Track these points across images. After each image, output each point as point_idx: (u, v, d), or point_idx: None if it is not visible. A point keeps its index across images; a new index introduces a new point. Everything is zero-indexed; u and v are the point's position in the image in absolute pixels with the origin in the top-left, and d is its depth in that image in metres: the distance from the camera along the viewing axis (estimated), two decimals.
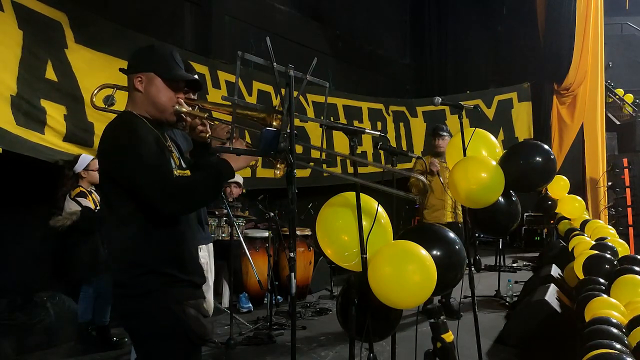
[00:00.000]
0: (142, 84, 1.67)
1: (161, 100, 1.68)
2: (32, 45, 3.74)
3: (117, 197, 1.59)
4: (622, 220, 7.80)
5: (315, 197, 5.52)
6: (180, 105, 1.72)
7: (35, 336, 3.72)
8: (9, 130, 3.47)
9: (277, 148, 1.58)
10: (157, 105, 1.68)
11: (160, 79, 1.68)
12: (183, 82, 1.74)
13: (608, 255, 3.93)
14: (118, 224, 1.60)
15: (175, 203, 1.54)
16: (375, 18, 9.70)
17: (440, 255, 2.19)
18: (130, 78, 1.70)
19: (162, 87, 1.68)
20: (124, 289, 1.59)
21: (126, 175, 1.55)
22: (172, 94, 1.70)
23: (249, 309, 5.01)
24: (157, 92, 1.68)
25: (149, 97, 1.68)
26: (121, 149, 1.56)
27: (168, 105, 1.69)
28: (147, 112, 1.69)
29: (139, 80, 1.67)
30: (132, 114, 1.68)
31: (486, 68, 10.85)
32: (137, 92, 1.68)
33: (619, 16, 12.18)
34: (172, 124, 1.76)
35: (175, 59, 1.73)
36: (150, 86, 1.67)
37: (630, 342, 2.40)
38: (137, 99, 1.69)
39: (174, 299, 1.59)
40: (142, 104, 1.69)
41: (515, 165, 3.01)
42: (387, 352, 2.91)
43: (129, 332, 1.72)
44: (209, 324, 1.73)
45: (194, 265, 1.71)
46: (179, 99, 1.72)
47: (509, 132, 8.64)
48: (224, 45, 6.13)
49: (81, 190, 3.76)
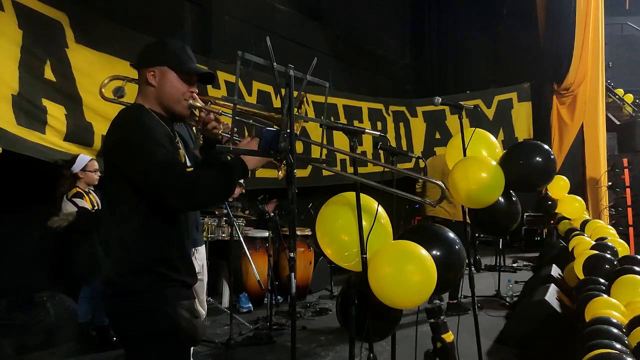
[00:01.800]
0: (155, 78, 1.66)
1: (175, 94, 1.67)
2: (32, 45, 3.75)
3: (118, 193, 1.58)
4: (622, 220, 7.80)
5: (315, 197, 5.53)
6: (194, 99, 1.70)
7: (35, 336, 3.72)
8: (9, 130, 3.47)
9: (277, 148, 1.58)
10: (170, 99, 1.67)
11: (174, 72, 1.66)
12: (196, 76, 1.72)
13: (608, 255, 3.93)
14: (116, 221, 1.58)
15: (185, 199, 1.51)
16: (375, 18, 9.70)
17: (440, 255, 2.19)
18: (142, 72, 1.68)
19: (176, 81, 1.67)
20: (115, 287, 1.57)
21: (136, 169, 1.52)
22: (185, 87, 1.68)
23: (249, 309, 5.01)
24: (170, 86, 1.66)
25: (163, 91, 1.66)
26: (132, 142, 1.53)
27: (181, 99, 1.68)
28: (159, 106, 1.68)
29: (152, 74, 1.65)
30: (141, 106, 1.66)
31: (486, 68, 10.85)
32: (150, 87, 1.66)
33: (619, 16, 12.19)
34: (184, 118, 1.75)
35: (188, 53, 1.72)
36: (164, 80, 1.66)
37: (630, 342, 2.40)
38: (149, 93, 1.67)
39: (166, 299, 1.57)
40: (154, 98, 1.67)
41: (515, 165, 3.01)
42: (387, 352, 2.91)
43: (117, 331, 1.68)
44: (201, 325, 1.71)
45: (188, 265, 1.69)
46: (193, 93, 1.71)
47: (509, 132, 8.64)
48: (224, 45, 6.13)
49: (78, 190, 3.76)
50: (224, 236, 4.74)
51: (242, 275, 5.14)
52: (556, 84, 8.22)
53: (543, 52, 8.40)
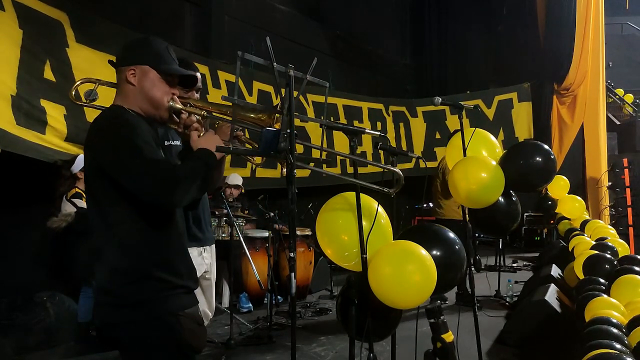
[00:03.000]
0: (135, 77, 1.59)
1: (156, 94, 1.60)
2: (32, 45, 3.74)
3: (107, 197, 1.51)
4: (622, 220, 7.81)
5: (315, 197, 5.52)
6: (174, 101, 1.64)
7: (35, 336, 3.71)
8: (8, 130, 3.46)
9: (277, 148, 1.58)
10: (151, 99, 1.60)
11: (156, 72, 1.60)
12: (177, 77, 1.67)
13: (608, 255, 3.93)
14: (109, 224, 1.51)
15: (167, 194, 1.44)
16: (375, 18, 9.70)
17: (441, 255, 2.19)
18: (121, 70, 1.61)
19: (157, 81, 1.60)
20: (112, 297, 1.50)
21: (122, 167, 1.45)
22: (167, 88, 1.62)
23: (249, 309, 5.01)
24: (151, 85, 1.60)
25: (143, 91, 1.59)
26: (111, 136, 1.47)
27: (162, 100, 1.61)
28: (139, 107, 1.60)
29: (131, 73, 1.59)
30: (122, 107, 1.58)
31: (486, 68, 10.84)
32: (129, 86, 1.59)
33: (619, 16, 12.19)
34: (164, 120, 1.67)
35: (170, 53, 1.66)
36: (145, 79, 1.59)
37: (630, 342, 2.40)
38: (129, 93, 1.60)
39: (168, 310, 1.51)
40: (134, 98, 1.60)
41: (515, 165, 3.01)
42: (387, 352, 2.91)
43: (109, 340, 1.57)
44: (203, 333, 1.67)
45: (188, 269, 1.64)
46: (174, 95, 1.65)
47: (509, 132, 8.64)
48: (224, 45, 6.13)
49: (77, 191, 3.76)
50: (224, 236, 4.75)
51: (242, 275, 5.14)
52: (556, 84, 8.22)
53: (543, 52, 8.40)
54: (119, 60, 1.64)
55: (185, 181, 1.47)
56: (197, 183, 1.53)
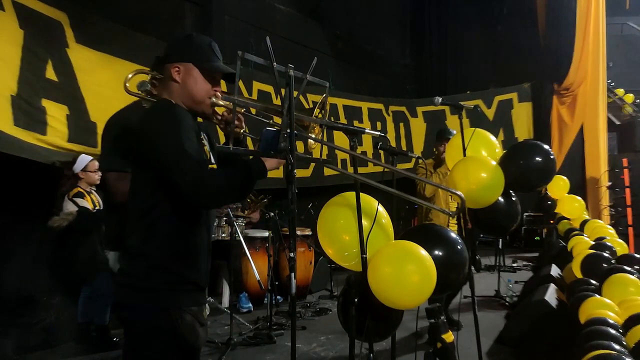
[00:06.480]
0: (179, 74, 1.63)
1: (199, 92, 1.64)
2: (33, 45, 3.73)
3: (143, 186, 1.56)
4: (622, 220, 7.81)
5: (315, 197, 5.53)
6: (217, 98, 1.68)
7: (35, 336, 3.72)
8: (5, 131, 3.42)
9: (277, 148, 1.58)
10: (194, 97, 1.64)
11: (199, 70, 1.64)
12: (220, 74, 1.69)
13: (605, 255, 3.93)
14: (140, 209, 1.56)
15: (206, 195, 1.49)
16: (375, 18, 9.70)
17: (442, 256, 2.19)
18: (167, 67, 1.65)
19: (200, 79, 1.64)
20: (129, 278, 1.56)
21: (164, 160, 1.49)
22: (209, 86, 1.66)
23: (249, 309, 5.01)
24: (194, 83, 1.64)
25: (186, 88, 1.64)
26: (163, 133, 1.51)
27: (205, 98, 1.65)
28: (182, 103, 1.65)
29: (176, 70, 1.63)
30: (170, 101, 1.63)
31: (486, 68, 10.85)
32: (174, 82, 1.64)
33: (619, 16, 12.18)
34: (207, 117, 1.72)
35: (214, 50, 1.69)
36: (188, 77, 1.63)
37: (628, 342, 2.40)
38: (173, 89, 1.65)
39: (176, 302, 1.56)
40: (178, 95, 1.64)
41: (515, 165, 3.01)
42: (387, 352, 2.91)
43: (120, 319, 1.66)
44: (204, 332, 1.69)
45: (204, 266, 1.67)
46: (217, 92, 1.68)
47: (509, 132, 8.65)
48: (224, 45, 6.10)
49: (79, 190, 3.76)
50: (224, 236, 4.75)
51: (242, 275, 5.15)
52: (556, 84, 8.23)
53: (543, 52, 8.41)
54: (165, 57, 1.67)
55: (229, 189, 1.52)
56: (237, 193, 1.58)
